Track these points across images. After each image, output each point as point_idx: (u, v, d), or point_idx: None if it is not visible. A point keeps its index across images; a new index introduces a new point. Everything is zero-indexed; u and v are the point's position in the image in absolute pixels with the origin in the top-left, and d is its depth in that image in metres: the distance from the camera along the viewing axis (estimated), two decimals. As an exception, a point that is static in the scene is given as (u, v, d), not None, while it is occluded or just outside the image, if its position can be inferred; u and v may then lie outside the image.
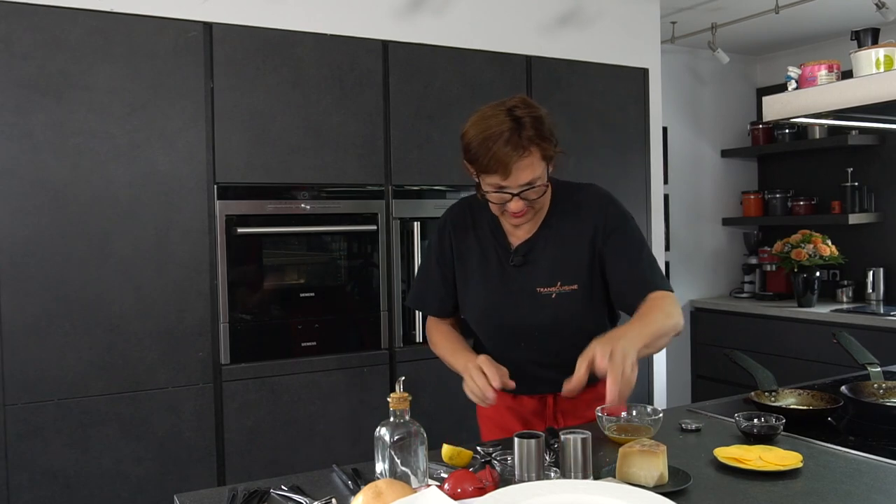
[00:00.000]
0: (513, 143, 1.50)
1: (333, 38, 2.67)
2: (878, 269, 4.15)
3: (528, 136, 1.51)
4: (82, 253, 2.28)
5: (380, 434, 1.22)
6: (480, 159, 1.52)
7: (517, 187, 1.54)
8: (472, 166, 1.57)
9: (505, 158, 1.50)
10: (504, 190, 1.55)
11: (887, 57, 1.89)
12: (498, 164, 1.50)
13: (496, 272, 1.69)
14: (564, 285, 1.65)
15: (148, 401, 2.37)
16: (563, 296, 1.65)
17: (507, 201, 1.56)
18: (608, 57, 3.29)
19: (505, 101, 1.57)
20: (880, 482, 1.31)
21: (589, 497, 1.11)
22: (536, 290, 1.66)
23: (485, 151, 1.51)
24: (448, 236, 1.76)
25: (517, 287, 1.67)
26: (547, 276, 1.66)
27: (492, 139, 1.50)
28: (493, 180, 1.54)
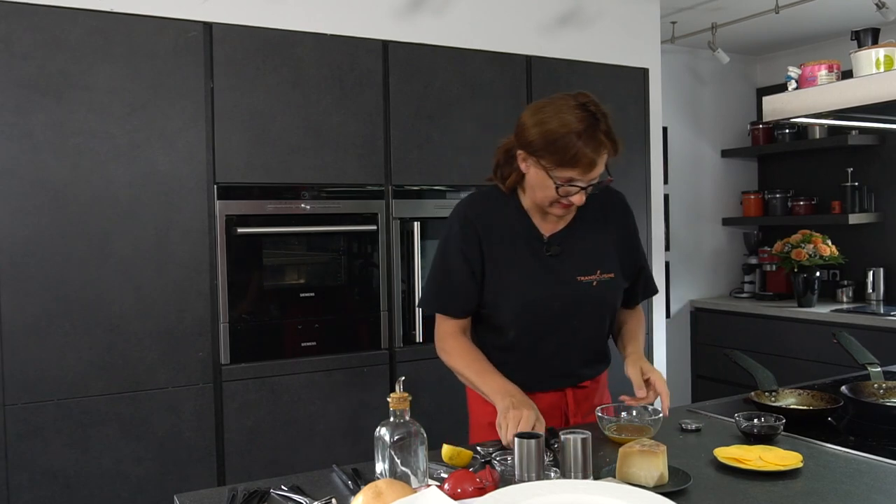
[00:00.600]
0: (596, 140, 1.54)
1: (333, 38, 2.67)
2: (878, 269, 4.15)
3: (605, 132, 1.56)
4: (82, 253, 2.28)
5: (380, 434, 1.22)
6: (564, 153, 1.53)
7: (587, 181, 1.58)
8: (542, 157, 1.57)
9: (591, 153, 1.53)
10: (573, 183, 1.57)
11: (887, 57, 1.89)
12: (583, 159, 1.53)
13: (533, 263, 1.68)
14: (604, 273, 1.70)
15: (148, 401, 2.37)
16: (603, 283, 1.70)
17: (572, 194, 1.59)
18: (608, 57, 3.29)
19: (569, 95, 1.59)
20: (880, 482, 1.31)
21: (589, 497, 1.11)
22: (577, 278, 1.68)
23: (569, 145, 1.53)
24: (473, 232, 1.70)
25: (557, 276, 1.68)
26: (586, 265, 1.69)
27: (576, 134, 1.53)
28: (568, 174, 1.56)
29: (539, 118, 1.57)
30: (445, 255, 1.73)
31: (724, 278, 4.83)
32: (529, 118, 1.60)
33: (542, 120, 1.56)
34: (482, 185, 2.95)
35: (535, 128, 1.57)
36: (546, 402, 1.73)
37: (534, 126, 1.57)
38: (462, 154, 2.90)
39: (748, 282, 4.68)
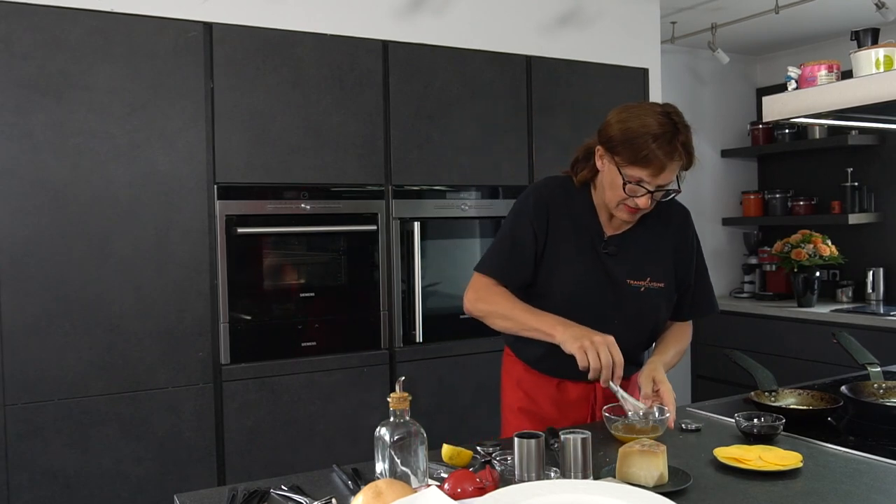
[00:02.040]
0: (671, 145, 1.58)
1: (333, 38, 2.67)
2: (878, 269, 4.15)
3: (682, 142, 1.59)
4: (82, 253, 2.28)
5: (380, 434, 1.22)
6: (637, 151, 1.57)
7: (655, 186, 1.60)
8: (617, 153, 1.60)
9: (664, 157, 1.57)
10: (642, 184, 1.60)
11: (887, 57, 1.89)
12: (654, 161, 1.57)
13: (590, 257, 1.72)
14: (654, 281, 1.73)
15: (148, 401, 2.37)
16: (651, 291, 1.73)
17: (639, 196, 1.61)
18: (608, 57, 3.29)
19: (655, 104, 1.66)
20: (880, 482, 1.31)
21: (589, 497, 1.11)
22: (627, 281, 1.72)
23: (643, 145, 1.57)
24: (545, 213, 1.73)
25: (608, 275, 1.72)
26: (637, 270, 1.73)
27: (652, 136, 1.57)
28: (638, 173, 1.59)
29: (623, 116, 1.63)
30: (514, 225, 1.76)
31: (724, 278, 4.83)
32: (614, 116, 1.65)
33: (625, 118, 1.62)
34: (482, 185, 2.97)
35: (618, 125, 1.62)
36: (575, 393, 1.78)
37: (617, 123, 1.63)
38: (462, 154, 2.90)
39: (748, 282, 4.68)
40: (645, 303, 1.74)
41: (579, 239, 1.73)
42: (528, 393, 1.80)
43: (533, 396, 1.80)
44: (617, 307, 1.73)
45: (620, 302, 1.72)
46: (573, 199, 1.77)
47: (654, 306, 1.76)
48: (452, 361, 2.85)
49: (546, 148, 3.08)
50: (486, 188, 2.99)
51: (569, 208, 1.75)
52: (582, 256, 1.73)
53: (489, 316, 1.73)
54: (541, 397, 1.79)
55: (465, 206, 2.93)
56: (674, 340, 1.82)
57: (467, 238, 2.98)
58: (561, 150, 3.07)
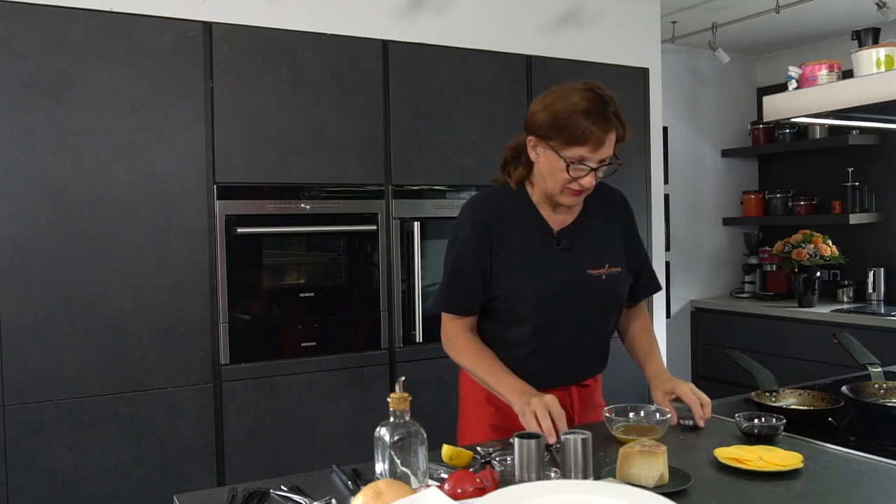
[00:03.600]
0: (604, 118, 1.57)
1: (333, 38, 2.67)
2: (879, 269, 4.15)
3: (613, 113, 1.59)
4: (82, 253, 2.28)
5: (380, 434, 1.22)
6: (570, 130, 1.56)
7: (597, 162, 1.60)
8: (551, 139, 1.59)
9: (598, 131, 1.56)
10: (584, 163, 1.59)
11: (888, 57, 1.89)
12: (590, 136, 1.56)
13: (545, 256, 1.71)
14: (612, 267, 1.73)
15: (148, 401, 2.37)
16: (611, 277, 1.73)
17: (583, 176, 1.60)
18: (608, 57, 3.29)
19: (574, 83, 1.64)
20: (881, 482, 1.31)
21: (589, 497, 1.11)
22: (587, 272, 1.71)
23: (575, 122, 1.56)
24: (485, 229, 1.71)
25: (567, 270, 1.70)
26: (594, 259, 1.72)
27: (583, 113, 1.56)
28: (578, 152, 1.58)
29: (547, 101, 1.62)
30: (458, 255, 1.73)
31: (725, 278, 4.83)
32: (538, 104, 1.64)
33: (549, 103, 1.61)
34: (482, 185, 2.97)
35: (544, 111, 1.61)
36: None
37: (542, 110, 1.62)
38: (462, 154, 2.90)
39: (748, 282, 4.68)
40: (608, 289, 1.73)
41: (529, 241, 1.71)
42: (499, 408, 1.71)
43: (506, 411, 1.67)
44: (583, 299, 1.71)
45: (586, 293, 1.71)
46: (512, 205, 1.74)
47: (616, 292, 1.75)
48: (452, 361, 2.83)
49: (546, 148, 3.08)
50: (486, 188, 2.98)
51: (511, 216, 1.72)
52: (537, 258, 1.70)
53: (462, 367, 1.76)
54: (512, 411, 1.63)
55: (465, 206, 2.93)
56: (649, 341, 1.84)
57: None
58: (561, 149, 3.06)
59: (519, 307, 1.70)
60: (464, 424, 1.83)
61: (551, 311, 1.69)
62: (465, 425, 1.83)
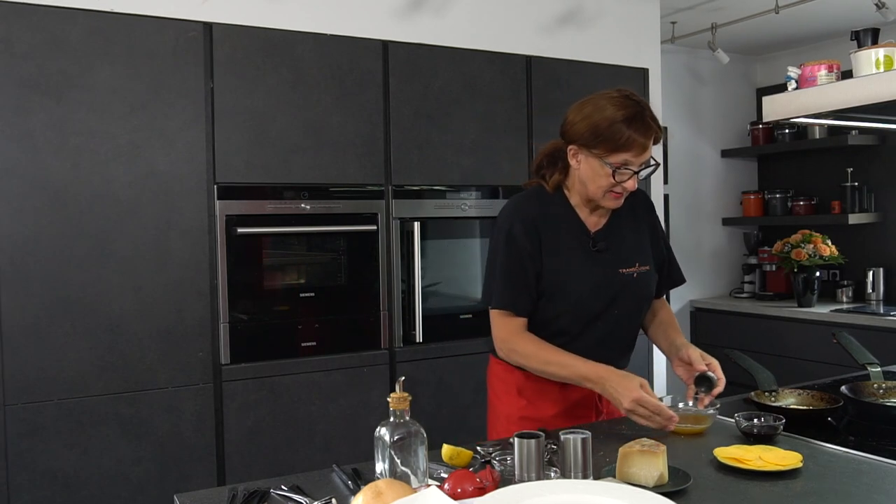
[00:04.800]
0: (644, 123, 1.65)
1: (333, 38, 2.67)
2: (878, 269, 4.15)
3: (651, 117, 1.67)
4: (82, 253, 2.28)
5: (380, 434, 1.22)
6: (617, 140, 1.64)
7: (639, 165, 1.67)
8: (594, 147, 1.66)
9: (640, 137, 1.64)
10: (627, 167, 1.66)
11: (887, 57, 1.89)
12: (634, 142, 1.64)
13: (583, 256, 1.77)
14: (642, 265, 1.81)
15: (148, 401, 2.37)
16: (642, 275, 1.80)
17: (626, 180, 1.67)
18: (608, 57, 3.29)
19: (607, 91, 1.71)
20: (880, 482, 1.31)
21: (589, 497, 1.11)
22: (619, 270, 1.78)
23: (619, 132, 1.63)
24: (533, 227, 1.75)
25: (603, 269, 1.77)
26: (626, 258, 1.79)
27: (625, 122, 1.63)
28: (623, 157, 1.65)
29: (585, 112, 1.68)
30: (511, 253, 1.75)
31: (724, 278, 4.83)
32: (575, 115, 1.70)
33: (588, 114, 1.67)
34: (483, 185, 2.97)
35: (584, 122, 1.67)
36: (579, 393, 1.78)
37: (581, 121, 1.68)
38: (462, 154, 2.90)
39: (748, 282, 4.68)
40: (640, 287, 1.80)
41: (570, 242, 1.77)
42: (530, 400, 1.79)
43: (536, 403, 1.78)
44: (618, 297, 1.77)
45: (620, 291, 1.77)
46: (552, 207, 1.79)
47: (647, 289, 1.83)
48: (452, 361, 2.84)
49: (546, 148, 3.08)
50: (486, 188, 2.99)
51: (552, 217, 1.78)
52: (577, 258, 1.77)
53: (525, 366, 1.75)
54: (544, 402, 1.77)
55: (465, 206, 2.94)
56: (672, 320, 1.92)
57: (467, 238, 2.98)
58: (561, 150, 3.06)
59: (559, 305, 1.76)
60: (494, 417, 1.88)
61: (586, 309, 1.76)
62: (495, 417, 1.87)
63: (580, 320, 1.76)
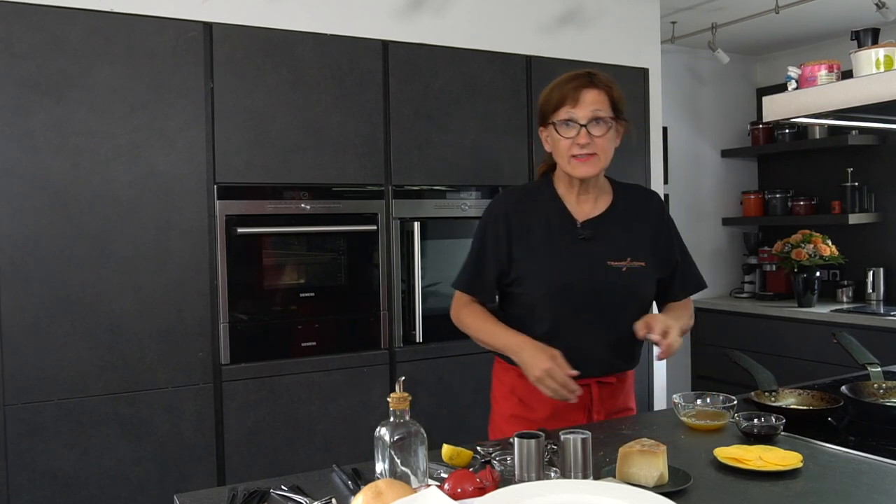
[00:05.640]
0: (582, 79, 1.70)
1: (333, 38, 2.67)
2: (878, 269, 4.15)
3: (599, 79, 1.70)
4: (82, 253, 2.28)
5: (380, 434, 1.22)
6: (551, 100, 1.71)
7: (585, 118, 1.67)
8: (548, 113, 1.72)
9: (575, 88, 1.68)
10: (573, 121, 1.68)
11: (887, 57, 1.89)
12: (568, 93, 1.68)
13: (565, 246, 1.75)
14: (634, 261, 1.75)
15: (148, 401, 2.37)
16: (633, 270, 1.75)
17: (575, 135, 1.68)
18: (608, 57, 3.29)
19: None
20: (880, 482, 1.31)
21: (589, 497, 1.11)
22: (607, 262, 1.74)
23: (556, 91, 1.71)
24: (504, 221, 1.78)
25: (588, 260, 1.74)
26: (616, 251, 1.75)
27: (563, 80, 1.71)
28: (563, 113, 1.69)
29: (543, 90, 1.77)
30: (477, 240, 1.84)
31: (724, 278, 4.83)
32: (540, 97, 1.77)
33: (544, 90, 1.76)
34: (483, 185, 2.97)
35: (541, 98, 1.76)
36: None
37: (540, 98, 1.77)
38: (462, 154, 2.90)
39: (748, 282, 4.68)
40: (628, 282, 1.75)
41: (551, 230, 1.77)
42: (522, 399, 1.79)
43: (528, 403, 1.78)
44: (601, 291, 1.74)
45: (604, 284, 1.73)
46: (537, 198, 1.81)
47: (637, 285, 1.77)
48: (452, 361, 2.84)
49: (546, 148, 3.08)
50: (486, 188, 2.99)
51: (534, 208, 1.79)
52: (556, 247, 1.75)
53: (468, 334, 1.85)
54: (536, 403, 1.77)
55: (465, 206, 2.94)
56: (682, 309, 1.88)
57: (467, 238, 2.95)
58: (561, 150, 3.06)
59: (532, 291, 1.76)
60: (492, 416, 1.90)
61: (567, 297, 1.73)
62: (493, 417, 1.89)
63: (560, 310, 1.74)
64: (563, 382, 1.59)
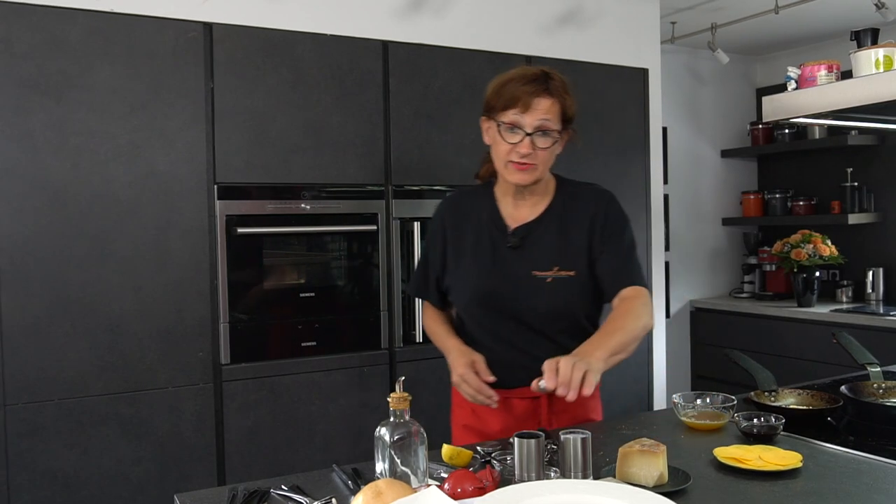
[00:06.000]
0: (538, 84, 1.60)
1: (333, 38, 2.67)
2: (878, 269, 4.16)
3: (554, 85, 1.62)
4: (82, 253, 2.28)
5: (380, 434, 1.22)
6: (505, 94, 1.60)
7: (531, 127, 1.59)
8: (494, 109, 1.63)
9: (528, 92, 1.59)
10: (518, 127, 1.59)
11: (887, 57, 1.89)
12: (520, 96, 1.59)
13: (490, 254, 1.70)
14: (562, 270, 1.66)
15: (148, 401, 2.37)
16: (559, 281, 1.66)
17: (517, 141, 1.60)
18: (608, 57, 3.29)
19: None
20: (880, 482, 1.31)
21: (589, 497, 1.11)
22: (532, 273, 1.66)
23: (510, 87, 1.60)
24: (442, 225, 1.78)
25: (512, 269, 1.68)
26: (544, 260, 1.67)
27: (520, 77, 1.61)
28: (510, 115, 1.60)
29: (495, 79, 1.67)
30: (425, 246, 1.87)
31: (724, 278, 4.83)
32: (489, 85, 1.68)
33: (496, 79, 1.66)
34: (482, 185, 2.97)
35: (490, 88, 1.66)
36: (521, 408, 1.71)
37: (490, 88, 1.67)
38: (462, 154, 2.90)
39: (748, 282, 4.68)
40: (554, 294, 1.65)
41: (481, 237, 1.72)
42: (474, 410, 1.74)
43: (479, 414, 1.73)
44: (524, 301, 1.66)
45: (528, 294, 1.66)
46: (474, 201, 1.77)
47: (563, 296, 1.66)
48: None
49: (546, 148, 3.07)
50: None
51: (468, 211, 1.76)
52: (481, 256, 1.70)
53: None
54: (487, 414, 1.71)
55: (465, 206, 2.93)
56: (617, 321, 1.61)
57: (467, 238, 2.97)
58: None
59: (459, 300, 1.76)
60: (452, 423, 1.90)
61: (491, 309, 1.69)
62: (452, 424, 1.89)
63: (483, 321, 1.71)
64: (477, 388, 1.58)
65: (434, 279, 1.81)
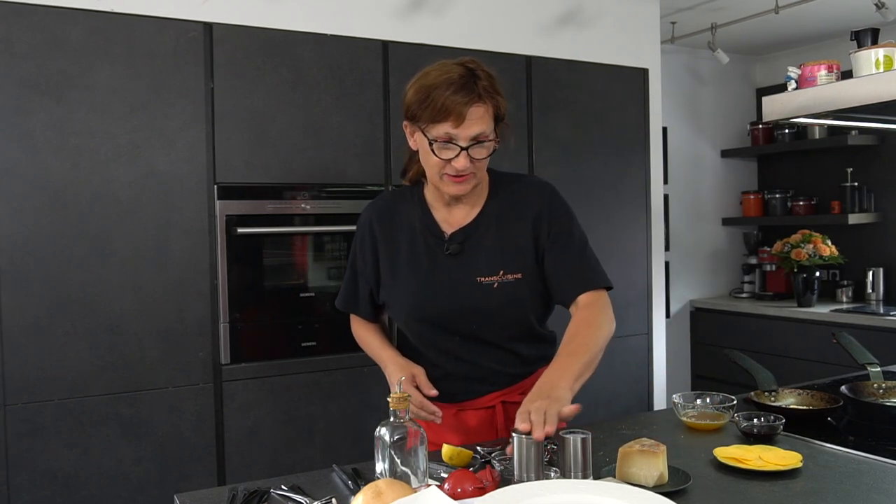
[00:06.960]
0: (468, 89, 1.44)
1: (333, 38, 2.67)
2: (878, 269, 4.16)
3: (483, 87, 1.46)
4: (82, 253, 2.28)
5: (380, 434, 1.22)
6: (432, 105, 1.43)
7: (466, 140, 1.45)
8: (419, 119, 1.47)
9: (459, 103, 1.42)
10: (453, 142, 1.45)
11: (887, 57, 1.89)
12: (451, 109, 1.42)
13: (427, 263, 1.57)
14: (508, 274, 1.55)
15: (148, 401, 2.37)
16: (506, 285, 1.55)
17: (452, 157, 1.46)
18: (608, 57, 3.29)
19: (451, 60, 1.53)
20: (880, 482, 1.31)
21: (589, 497, 1.11)
22: (477, 279, 1.55)
23: (437, 97, 1.43)
24: (371, 234, 1.64)
25: (454, 277, 1.55)
26: (488, 265, 1.55)
27: (445, 84, 1.43)
28: (442, 130, 1.44)
29: (417, 78, 1.50)
30: (351, 257, 1.71)
31: (724, 278, 4.83)
32: (410, 84, 1.51)
33: (418, 79, 1.50)
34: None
35: (412, 88, 1.49)
36: (475, 420, 1.65)
37: (411, 88, 1.50)
38: (462, 154, 2.90)
39: (748, 282, 4.69)
40: (502, 299, 1.54)
41: (415, 246, 1.59)
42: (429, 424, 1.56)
43: (433, 426, 1.58)
44: (469, 310, 1.55)
45: (473, 303, 1.55)
46: (403, 206, 1.63)
47: (512, 300, 1.56)
48: (452, 361, 2.84)
49: (546, 148, 3.07)
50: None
51: (398, 218, 1.62)
52: (418, 266, 1.57)
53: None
54: (438, 427, 1.60)
55: (465, 206, 2.93)
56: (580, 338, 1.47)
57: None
58: (561, 150, 3.06)
59: (399, 316, 1.63)
60: None
61: (433, 322, 1.58)
62: None
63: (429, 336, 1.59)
64: (419, 404, 1.48)
65: (367, 293, 1.67)
